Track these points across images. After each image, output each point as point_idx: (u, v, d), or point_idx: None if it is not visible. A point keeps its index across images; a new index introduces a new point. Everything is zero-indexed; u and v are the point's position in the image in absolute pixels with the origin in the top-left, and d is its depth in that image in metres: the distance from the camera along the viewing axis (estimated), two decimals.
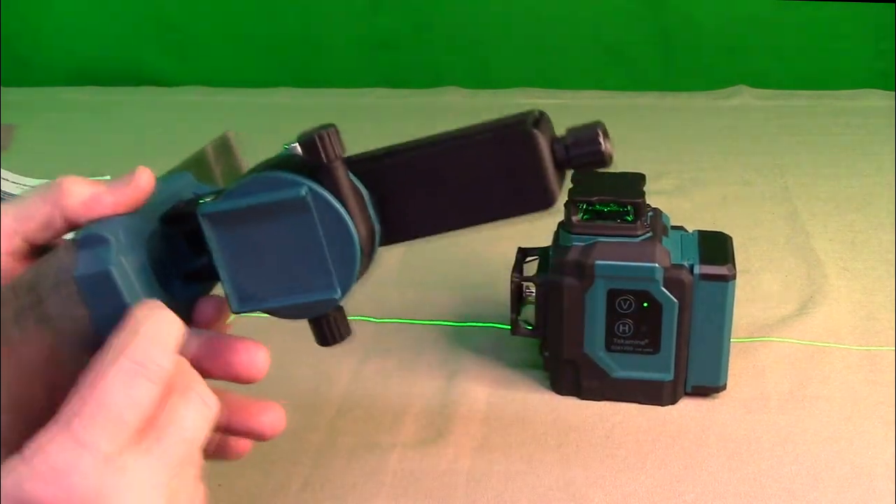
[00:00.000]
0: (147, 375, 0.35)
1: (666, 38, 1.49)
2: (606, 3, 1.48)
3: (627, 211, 0.65)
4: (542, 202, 0.40)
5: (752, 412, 0.67)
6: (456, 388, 0.70)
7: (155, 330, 0.37)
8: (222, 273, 0.40)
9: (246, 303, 0.41)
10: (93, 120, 1.40)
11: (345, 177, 0.39)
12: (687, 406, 0.67)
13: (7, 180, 1.05)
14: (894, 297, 0.81)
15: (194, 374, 0.39)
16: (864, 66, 1.45)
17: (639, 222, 0.64)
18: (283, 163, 0.40)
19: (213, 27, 1.55)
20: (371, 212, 0.41)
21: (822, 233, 0.95)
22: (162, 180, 0.44)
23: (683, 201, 1.03)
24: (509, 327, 0.70)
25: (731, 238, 0.68)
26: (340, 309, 0.42)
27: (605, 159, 0.40)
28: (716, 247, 0.67)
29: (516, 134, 0.39)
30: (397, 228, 0.42)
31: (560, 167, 0.40)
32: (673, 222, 0.70)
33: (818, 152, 1.19)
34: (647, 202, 0.66)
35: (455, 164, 0.40)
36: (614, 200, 0.65)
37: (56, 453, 0.33)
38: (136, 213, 0.41)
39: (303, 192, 0.38)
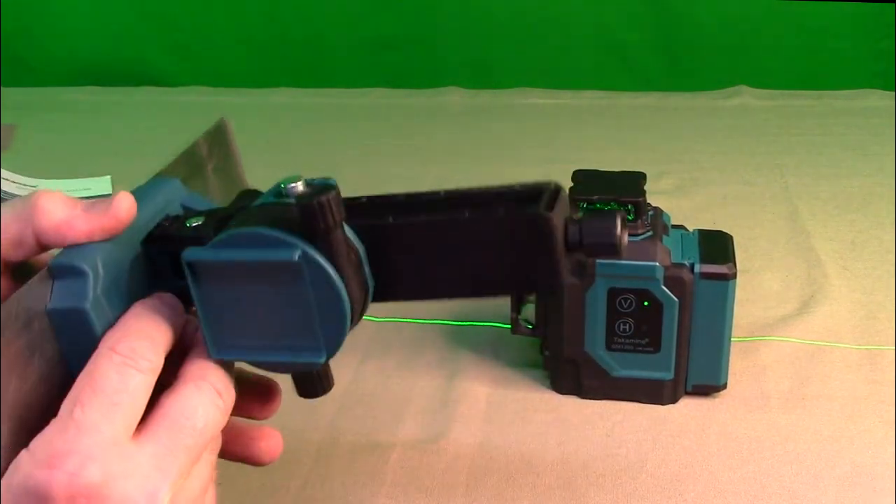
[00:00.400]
0: (135, 366, 0.36)
1: (666, 39, 1.49)
2: (607, 4, 1.49)
3: (628, 210, 0.65)
4: (549, 285, 0.38)
5: (752, 411, 0.67)
6: (456, 388, 0.70)
7: (144, 327, 0.37)
8: (201, 319, 0.38)
9: (224, 351, 0.39)
10: (93, 120, 1.40)
11: (342, 243, 0.37)
12: (687, 405, 0.67)
13: (7, 180, 1.05)
14: (894, 296, 0.81)
15: (209, 365, 0.38)
16: (864, 66, 1.45)
17: (639, 221, 0.64)
18: (278, 216, 0.37)
19: (214, 27, 1.55)
20: (366, 269, 0.39)
21: (823, 232, 0.95)
22: (149, 188, 0.43)
23: (684, 201, 1.03)
24: (509, 326, 0.70)
25: (731, 237, 0.68)
26: (326, 364, 0.40)
27: (618, 251, 0.38)
28: (716, 246, 0.67)
29: (530, 216, 0.37)
30: (392, 289, 0.40)
31: (571, 250, 0.38)
32: (673, 221, 0.70)
33: (818, 152, 1.19)
34: (648, 201, 0.66)
35: (462, 234, 0.38)
36: (615, 199, 0.65)
37: (58, 439, 0.34)
38: (118, 238, 0.39)
39: (296, 256, 0.36)
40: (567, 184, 0.69)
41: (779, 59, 1.47)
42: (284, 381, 0.41)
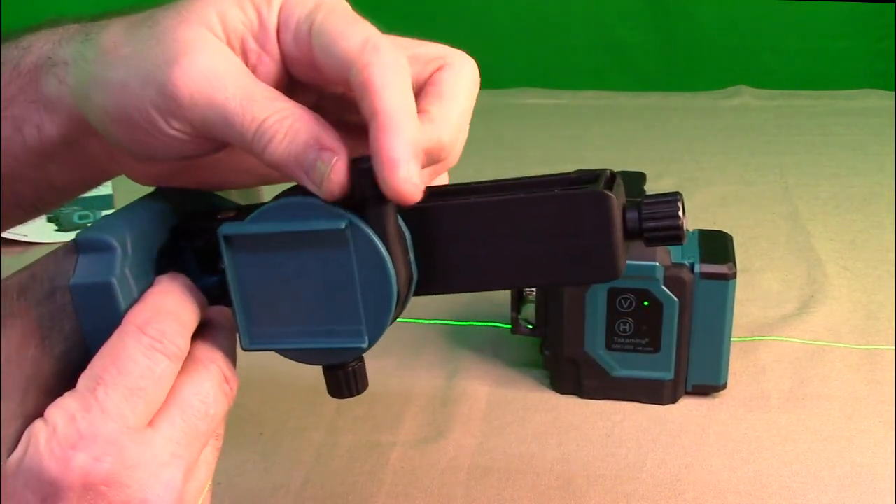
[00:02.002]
0: (164, 351, 0.34)
1: (666, 39, 1.49)
2: (607, 4, 1.49)
3: None
4: (606, 274, 0.36)
5: (752, 411, 0.67)
6: (456, 387, 0.70)
7: (173, 307, 0.35)
8: (236, 304, 0.36)
9: (258, 340, 0.37)
10: None
11: (392, 216, 0.35)
12: (687, 405, 0.67)
13: None
14: (894, 296, 0.81)
15: (218, 348, 0.37)
16: (864, 66, 1.46)
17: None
18: None
19: None
20: (411, 257, 0.36)
21: (823, 232, 0.95)
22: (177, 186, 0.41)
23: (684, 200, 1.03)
24: (510, 326, 0.71)
25: (731, 237, 0.68)
26: (362, 359, 0.37)
27: (681, 236, 0.36)
28: (716, 246, 0.67)
29: (588, 196, 0.35)
30: (437, 279, 0.37)
31: (629, 238, 0.36)
32: None
33: (818, 152, 1.19)
34: None
35: (514, 219, 0.35)
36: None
37: (82, 419, 0.32)
38: (148, 219, 0.37)
39: (342, 224, 0.34)
40: None
41: (779, 59, 1.48)
42: (285, 380, 0.41)
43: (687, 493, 0.59)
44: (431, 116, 0.36)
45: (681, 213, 0.36)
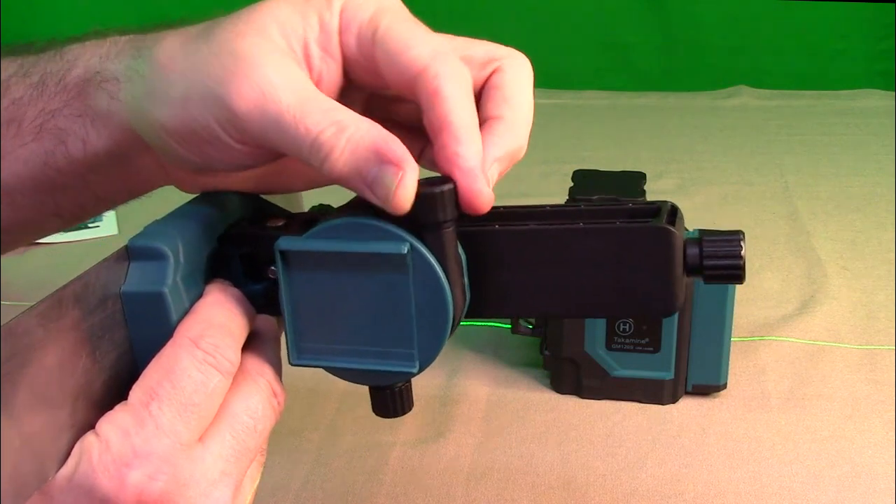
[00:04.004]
0: (217, 366, 0.33)
1: (666, 39, 1.50)
2: (607, 4, 1.49)
3: None
4: (662, 309, 0.35)
5: (752, 411, 0.67)
6: (456, 387, 0.70)
7: (225, 319, 0.35)
8: (287, 318, 0.36)
9: (306, 356, 0.36)
10: None
11: (453, 242, 0.34)
12: (687, 405, 0.67)
13: None
14: (894, 296, 0.81)
15: (266, 363, 0.36)
16: (864, 66, 1.46)
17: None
18: (381, 210, 0.34)
19: None
20: (466, 280, 0.36)
21: (823, 232, 0.95)
22: (224, 190, 0.40)
23: (684, 200, 1.03)
24: (510, 326, 0.71)
25: None
26: (409, 380, 0.37)
27: (742, 276, 0.35)
28: None
29: (652, 230, 0.34)
30: (488, 303, 0.36)
31: (689, 274, 0.35)
32: None
33: (818, 152, 1.19)
34: (648, 201, 0.66)
35: (573, 249, 0.35)
36: (615, 199, 0.65)
37: (136, 434, 0.31)
38: (198, 225, 0.37)
39: (404, 248, 0.33)
40: (566, 183, 0.69)
41: (779, 59, 1.48)
42: (285, 380, 0.40)
43: (687, 493, 0.59)
44: (507, 122, 0.36)
45: (743, 252, 0.35)
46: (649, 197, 0.66)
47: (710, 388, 0.67)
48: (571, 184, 0.68)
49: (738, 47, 1.48)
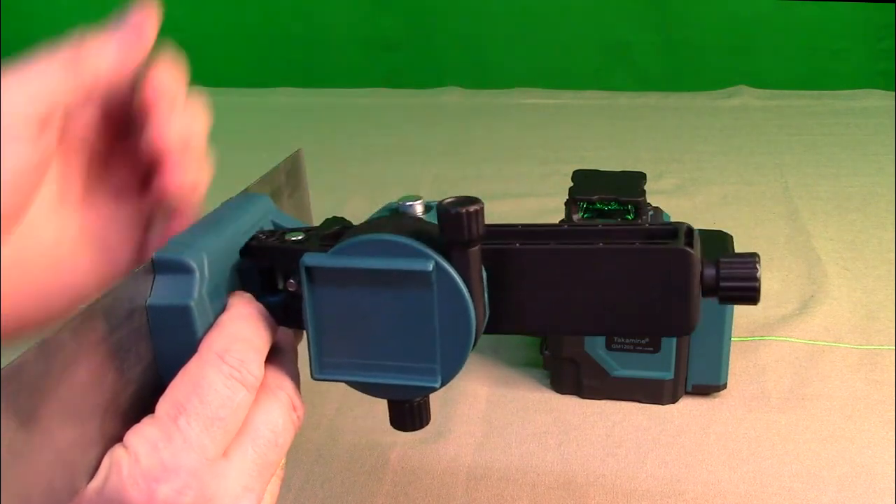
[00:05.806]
0: (242, 380, 0.34)
1: (666, 39, 1.50)
2: (607, 4, 1.49)
3: (628, 209, 0.65)
4: (678, 329, 0.36)
5: (752, 411, 0.67)
6: (456, 387, 0.70)
7: (250, 333, 0.35)
8: (311, 333, 0.36)
9: (328, 370, 0.37)
10: None
11: (478, 259, 0.35)
12: (687, 405, 0.67)
13: None
14: (894, 296, 0.81)
15: (286, 377, 0.36)
16: (864, 66, 1.46)
17: (639, 221, 0.64)
18: (406, 227, 0.35)
19: (214, 27, 1.56)
20: (486, 296, 0.36)
21: (823, 232, 0.95)
22: (242, 201, 0.41)
23: (684, 200, 1.04)
24: None
25: (731, 237, 0.68)
26: (428, 395, 0.37)
27: (757, 298, 0.35)
28: (716, 245, 0.66)
29: (671, 252, 0.35)
30: (507, 319, 0.37)
31: (705, 294, 0.36)
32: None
33: (818, 152, 1.19)
34: (648, 201, 0.66)
35: (592, 268, 0.35)
36: (615, 199, 0.65)
37: (165, 448, 0.32)
38: (223, 238, 0.37)
39: (429, 266, 0.33)
40: (566, 183, 0.69)
41: (779, 59, 1.48)
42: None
43: (687, 493, 0.59)
44: None
45: (759, 274, 0.35)
46: (649, 197, 0.66)
47: (710, 388, 0.67)
48: (571, 184, 0.68)
49: (738, 47, 1.48)
